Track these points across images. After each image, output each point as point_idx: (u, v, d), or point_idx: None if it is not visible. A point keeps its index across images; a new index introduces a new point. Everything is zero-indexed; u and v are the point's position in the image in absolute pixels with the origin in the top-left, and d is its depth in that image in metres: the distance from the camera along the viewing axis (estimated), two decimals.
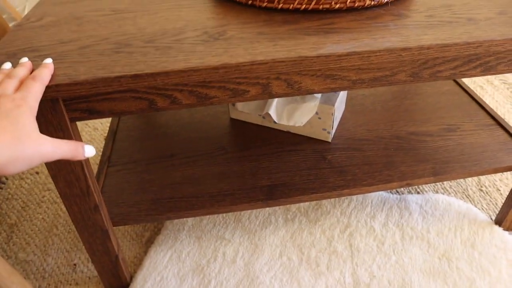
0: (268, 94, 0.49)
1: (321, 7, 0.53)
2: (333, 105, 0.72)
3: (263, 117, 0.80)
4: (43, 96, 0.43)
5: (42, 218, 0.90)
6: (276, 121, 0.75)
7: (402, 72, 0.50)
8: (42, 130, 0.48)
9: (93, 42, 0.51)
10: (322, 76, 0.48)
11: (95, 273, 0.77)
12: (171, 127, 0.84)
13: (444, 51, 0.47)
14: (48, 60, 0.45)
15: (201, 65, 0.43)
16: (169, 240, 0.80)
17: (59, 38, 0.53)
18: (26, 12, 1.78)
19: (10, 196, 0.96)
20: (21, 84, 0.41)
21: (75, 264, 0.80)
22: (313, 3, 0.53)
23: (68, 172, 0.54)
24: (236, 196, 0.67)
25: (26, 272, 0.79)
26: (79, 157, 0.41)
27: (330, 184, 0.69)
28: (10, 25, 1.58)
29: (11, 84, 0.40)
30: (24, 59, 0.45)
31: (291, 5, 0.54)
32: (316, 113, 0.74)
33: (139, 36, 0.51)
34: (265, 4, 0.55)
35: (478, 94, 1.25)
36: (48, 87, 0.43)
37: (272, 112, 0.74)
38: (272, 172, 0.71)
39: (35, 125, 0.37)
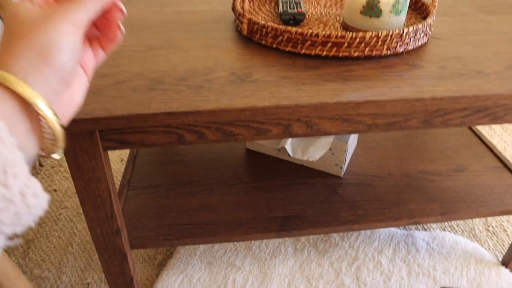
0: (289, 134, 0.52)
1: (340, 54, 0.57)
2: (347, 142, 0.76)
3: (278, 150, 0.83)
4: (79, 128, 0.47)
5: (58, 235, 0.93)
6: (291, 155, 0.78)
7: (415, 118, 0.54)
8: (78, 157, 0.52)
9: (128, 77, 0.55)
10: (340, 119, 0.52)
11: None
12: (189, 154, 0.87)
13: (455, 102, 0.51)
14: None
15: (230, 107, 0.47)
16: (180, 264, 0.82)
17: (95, 71, 0.57)
18: None
19: None
20: None
21: (88, 283, 0.82)
22: (334, 50, 0.57)
23: (96, 197, 0.57)
24: (251, 225, 0.70)
25: None
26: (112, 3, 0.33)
27: (341, 218, 0.71)
28: None
29: None
30: None
31: (313, 51, 0.58)
32: (330, 148, 0.77)
33: (172, 73, 0.55)
34: (288, 48, 0.59)
35: (487, 134, 1.28)
36: (87, 120, 0.47)
37: (288, 146, 0.77)
38: (286, 203, 0.74)
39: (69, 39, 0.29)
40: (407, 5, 0.63)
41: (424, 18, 0.70)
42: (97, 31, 0.37)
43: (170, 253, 0.86)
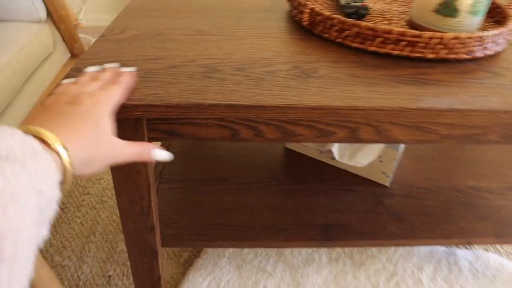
0: (354, 139, 0.47)
1: (412, 55, 0.52)
2: (397, 150, 0.70)
3: (321, 152, 0.78)
4: (127, 114, 0.42)
5: (80, 222, 0.89)
6: (337, 159, 0.73)
7: (495, 132, 0.48)
8: None
9: (180, 62, 0.50)
10: (414, 127, 0.46)
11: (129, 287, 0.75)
12: (224, 150, 0.83)
13: None
14: (131, 69, 0.45)
15: (299, 104, 0.42)
16: (208, 265, 0.78)
17: (144, 54, 0.52)
18: (82, 14, 1.82)
19: None
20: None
21: (110, 276, 0.78)
22: (407, 50, 0.51)
23: (133, 190, 0.53)
24: (291, 231, 0.65)
25: (61, 277, 0.78)
26: (146, 159, 0.42)
27: (387, 232, 0.66)
28: None
29: (94, 85, 0.40)
30: (110, 64, 0.45)
31: (383, 49, 0.52)
32: (379, 156, 0.71)
33: (228, 62, 0.50)
34: (355, 44, 0.54)
35: None
36: (137, 107, 0.42)
37: (335, 149, 0.72)
38: (328, 210, 0.69)
39: (112, 126, 0.38)
40: (487, 6, 0.57)
41: (497, 22, 0.64)
42: None
43: (196, 251, 0.82)
